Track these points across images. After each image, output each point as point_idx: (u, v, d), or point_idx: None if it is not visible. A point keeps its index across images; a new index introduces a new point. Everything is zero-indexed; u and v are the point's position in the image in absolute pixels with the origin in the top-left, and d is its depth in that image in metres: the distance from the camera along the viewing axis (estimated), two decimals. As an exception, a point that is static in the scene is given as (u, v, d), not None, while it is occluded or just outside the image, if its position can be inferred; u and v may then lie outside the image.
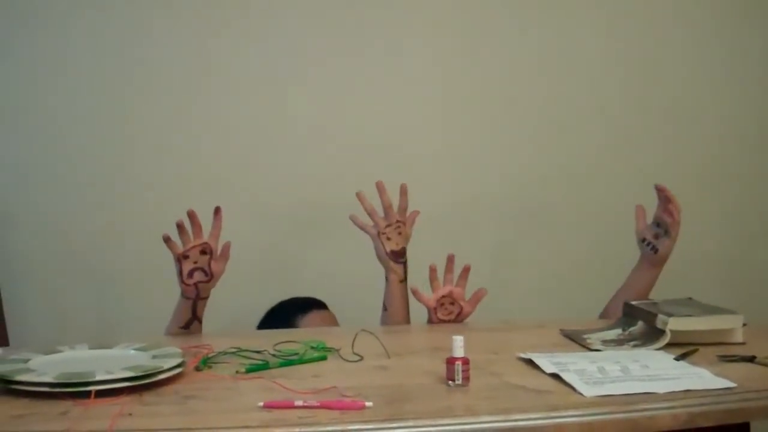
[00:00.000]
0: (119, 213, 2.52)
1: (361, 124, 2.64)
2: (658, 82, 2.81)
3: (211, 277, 1.80)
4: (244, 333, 1.79)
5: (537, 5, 2.74)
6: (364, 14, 2.64)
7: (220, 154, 2.57)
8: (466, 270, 2.01)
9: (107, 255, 2.52)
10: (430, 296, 1.99)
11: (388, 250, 2.03)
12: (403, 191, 2.02)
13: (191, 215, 1.77)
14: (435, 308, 1.99)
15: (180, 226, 1.77)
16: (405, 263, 2.05)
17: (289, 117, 2.61)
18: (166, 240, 1.77)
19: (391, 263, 2.04)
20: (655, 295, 2.02)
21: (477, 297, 2.01)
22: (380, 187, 2.01)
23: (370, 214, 2.03)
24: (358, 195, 2.02)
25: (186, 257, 1.78)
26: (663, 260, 2.01)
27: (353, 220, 2.04)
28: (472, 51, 2.70)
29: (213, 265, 1.79)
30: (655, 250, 1.99)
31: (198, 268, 1.78)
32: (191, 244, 1.78)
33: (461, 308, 2.00)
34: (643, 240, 2.02)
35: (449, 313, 2.00)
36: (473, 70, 2.71)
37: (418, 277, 2.04)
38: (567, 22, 2.75)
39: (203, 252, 1.78)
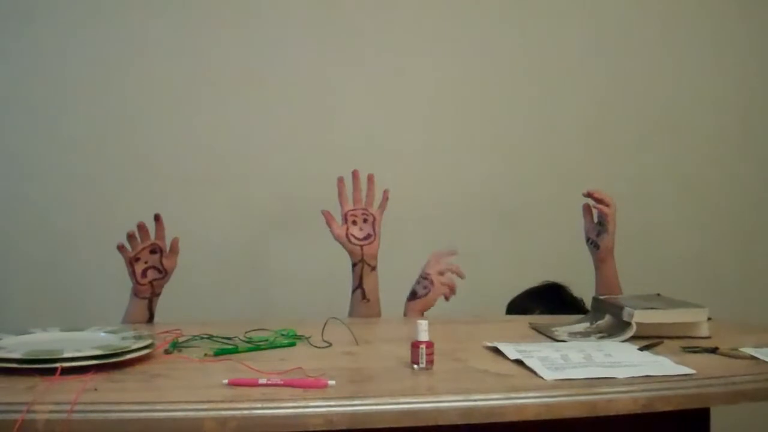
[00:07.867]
0: (106, 208, 2.56)
1: (344, 123, 2.68)
2: (644, 85, 2.85)
3: (165, 273, 1.90)
4: (215, 322, 1.80)
5: (524, 7, 2.78)
6: (349, 15, 2.69)
7: (209, 151, 2.63)
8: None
9: (96, 249, 2.54)
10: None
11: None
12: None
13: (140, 226, 1.88)
14: (346, 224, 1.99)
15: (131, 236, 1.87)
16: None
17: (273, 116, 2.66)
18: (120, 248, 1.87)
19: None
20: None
21: (384, 197, 2.00)
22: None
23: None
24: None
25: (137, 260, 1.89)
26: (607, 253, 2.05)
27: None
28: (459, 52, 2.75)
29: (165, 261, 1.90)
30: (596, 246, 2.06)
31: (150, 266, 1.89)
32: (140, 246, 1.88)
33: (373, 217, 2.00)
34: (588, 239, 2.09)
35: (362, 230, 2.00)
36: (459, 71, 2.75)
37: (403, 277, 2.04)
38: (554, 26, 2.80)
39: (153, 251, 1.89)
